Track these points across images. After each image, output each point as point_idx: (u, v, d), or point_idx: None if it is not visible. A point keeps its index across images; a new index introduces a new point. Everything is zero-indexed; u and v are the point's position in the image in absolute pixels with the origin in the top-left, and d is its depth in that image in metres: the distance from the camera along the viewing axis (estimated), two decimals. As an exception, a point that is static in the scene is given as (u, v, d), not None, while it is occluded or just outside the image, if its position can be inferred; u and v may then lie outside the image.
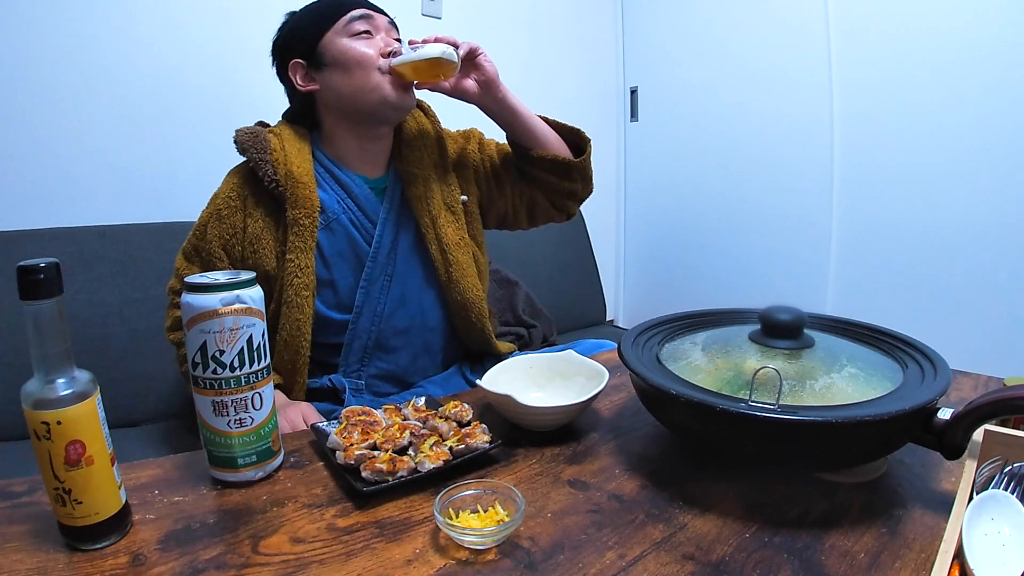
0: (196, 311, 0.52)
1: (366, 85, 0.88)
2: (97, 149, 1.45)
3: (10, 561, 0.44)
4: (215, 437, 0.55)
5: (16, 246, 1.23)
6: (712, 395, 0.53)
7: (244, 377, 0.55)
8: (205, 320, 0.52)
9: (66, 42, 1.38)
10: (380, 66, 0.88)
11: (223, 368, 0.54)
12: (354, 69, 0.89)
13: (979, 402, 0.48)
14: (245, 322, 0.54)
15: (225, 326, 0.53)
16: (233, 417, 0.55)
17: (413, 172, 0.97)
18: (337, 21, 0.90)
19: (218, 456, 0.56)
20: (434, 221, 0.96)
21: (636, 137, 2.60)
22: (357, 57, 0.88)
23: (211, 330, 0.53)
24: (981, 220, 1.62)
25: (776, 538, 0.48)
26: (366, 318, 0.95)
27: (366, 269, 0.94)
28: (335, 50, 0.89)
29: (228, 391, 0.54)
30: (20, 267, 0.42)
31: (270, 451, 0.58)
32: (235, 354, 0.54)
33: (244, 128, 0.94)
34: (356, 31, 0.89)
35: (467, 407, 0.68)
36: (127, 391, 1.28)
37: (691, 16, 2.31)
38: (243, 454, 0.56)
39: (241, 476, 0.56)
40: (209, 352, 0.53)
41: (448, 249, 0.97)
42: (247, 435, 0.56)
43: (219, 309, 0.53)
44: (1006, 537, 0.43)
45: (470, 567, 0.45)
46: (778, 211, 2.11)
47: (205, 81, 1.58)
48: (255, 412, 0.56)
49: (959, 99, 1.62)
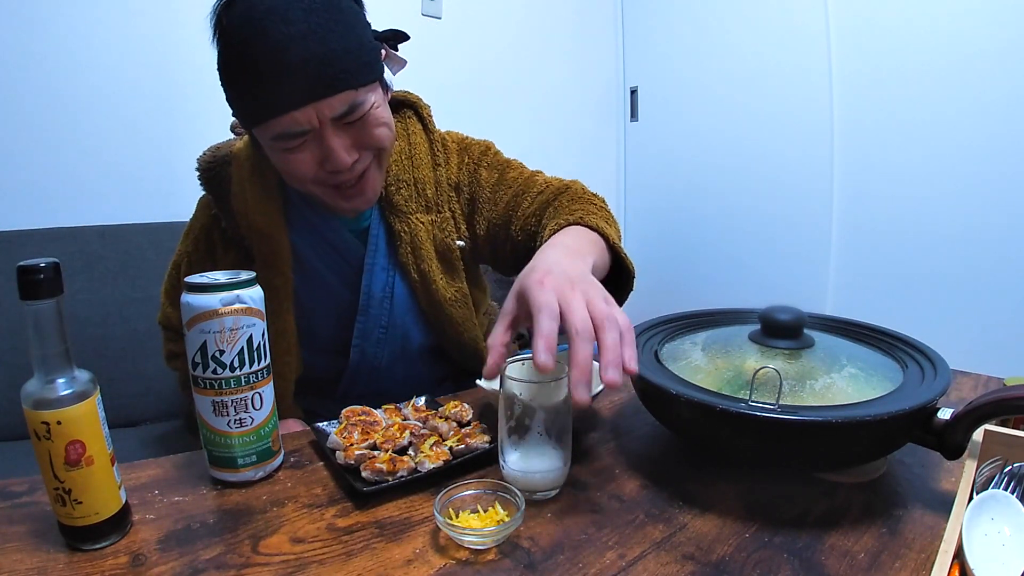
0: (196, 311, 0.52)
1: (309, 193, 0.73)
2: (97, 149, 1.45)
3: (10, 561, 0.44)
4: (215, 437, 0.55)
5: (16, 246, 1.23)
6: (712, 395, 0.53)
7: (244, 377, 0.55)
8: (205, 320, 0.52)
9: (66, 42, 1.39)
10: (319, 180, 0.70)
11: (223, 368, 0.54)
12: (288, 177, 0.72)
13: (979, 402, 0.48)
14: (245, 322, 0.54)
15: (225, 326, 0.53)
16: (233, 417, 0.55)
17: (398, 214, 0.81)
18: (259, 126, 0.67)
19: (218, 456, 0.56)
20: (423, 277, 0.82)
21: (636, 137, 2.60)
22: (288, 172, 0.71)
23: (211, 330, 0.52)
24: (981, 220, 1.62)
25: (776, 538, 0.48)
26: (364, 375, 0.86)
27: (357, 324, 0.83)
28: (264, 147, 0.71)
29: (228, 391, 0.54)
30: (20, 267, 0.42)
31: (270, 451, 0.58)
32: (235, 354, 0.54)
33: (208, 153, 0.80)
34: (284, 146, 0.67)
35: (467, 407, 0.68)
36: (127, 391, 1.28)
37: (691, 16, 2.31)
38: (243, 454, 0.56)
39: (241, 476, 0.56)
40: (209, 352, 0.53)
41: (441, 306, 0.84)
42: (247, 435, 0.56)
43: (219, 309, 0.52)
44: (1006, 537, 0.43)
45: (470, 567, 0.45)
46: (778, 211, 2.11)
47: (205, 81, 1.58)
48: (255, 412, 0.56)
49: (959, 98, 1.63)
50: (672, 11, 2.38)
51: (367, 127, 0.69)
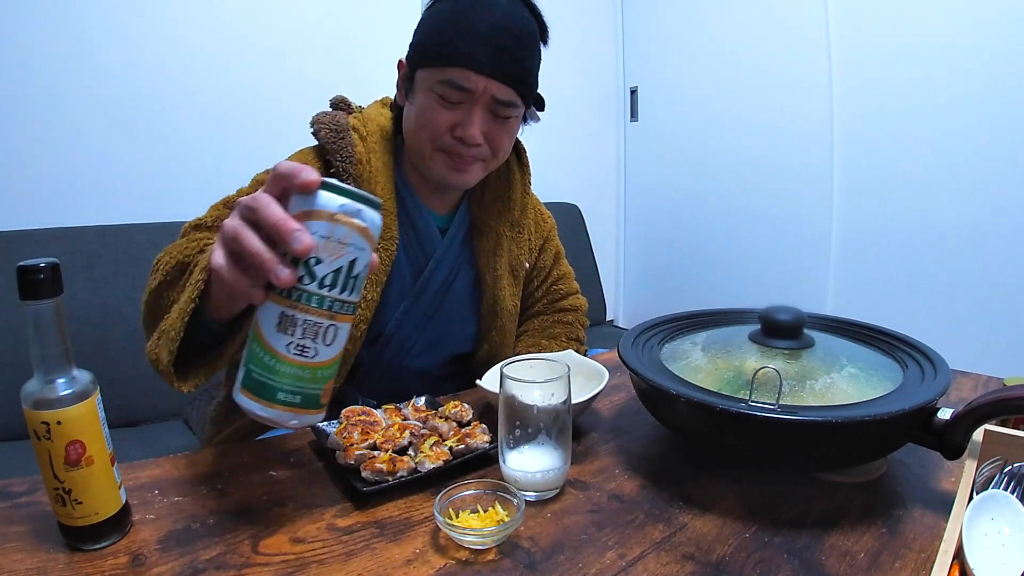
0: (309, 206, 0.44)
1: (421, 150, 0.79)
2: (97, 149, 1.45)
3: (10, 561, 0.44)
4: (265, 355, 0.45)
5: (16, 246, 1.24)
6: (712, 395, 0.53)
7: (329, 301, 0.45)
8: (314, 219, 0.44)
9: (66, 42, 1.39)
10: (442, 144, 0.77)
11: (311, 279, 0.44)
12: (419, 126, 0.78)
13: (979, 402, 0.48)
14: (356, 241, 0.45)
15: (334, 235, 0.44)
16: (297, 340, 0.45)
17: (488, 223, 0.89)
18: (435, 67, 0.74)
19: (257, 379, 0.45)
20: (495, 283, 0.89)
21: (636, 137, 2.60)
22: (424, 119, 0.77)
23: (317, 232, 0.44)
24: (981, 220, 1.62)
25: (776, 538, 0.48)
26: (391, 350, 0.86)
27: (405, 303, 0.85)
28: (418, 91, 0.77)
29: (304, 307, 0.44)
30: (20, 267, 0.42)
31: (316, 401, 0.47)
32: (331, 270, 0.44)
33: (324, 115, 0.81)
34: (443, 93, 0.75)
35: (467, 407, 0.68)
36: (127, 391, 1.28)
37: (691, 16, 2.32)
38: (288, 388, 0.45)
39: (271, 413, 0.45)
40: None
41: (499, 315, 0.90)
42: (303, 368, 0.45)
43: (336, 214, 0.44)
44: (1006, 537, 0.43)
45: (470, 567, 0.45)
46: (778, 211, 2.11)
47: (205, 81, 1.58)
48: (323, 346, 0.46)
49: (959, 100, 1.63)
50: (672, 11, 2.38)
51: (501, 130, 0.79)
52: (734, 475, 0.58)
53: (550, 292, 1.04)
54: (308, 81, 1.71)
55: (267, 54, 1.67)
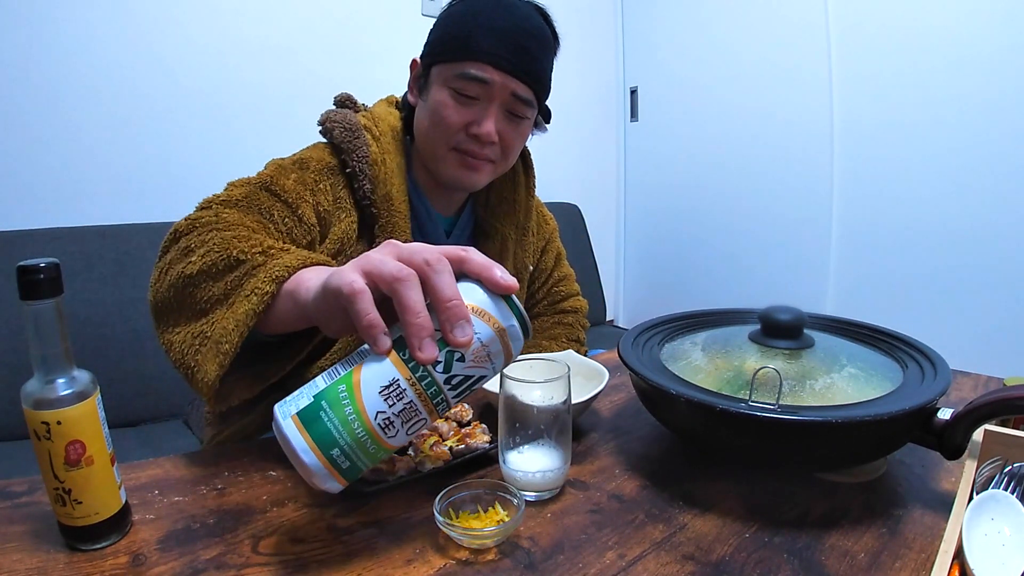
0: (487, 307, 0.43)
1: (435, 148, 0.79)
2: (97, 149, 1.45)
3: (10, 561, 0.44)
4: (348, 407, 0.40)
5: (16, 246, 1.24)
6: (712, 395, 0.53)
7: (442, 397, 0.43)
8: (483, 321, 0.42)
9: (66, 42, 1.39)
10: (456, 143, 0.77)
11: (444, 370, 0.42)
12: (432, 123, 0.77)
13: (979, 402, 0.48)
14: (498, 363, 0.44)
15: (491, 346, 0.43)
16: (391, 413, 0.41)
17: (495, 226, 0.90)
18: (453, 62, 0.75)
19: (323, 423, 0.40)
20: None
21: (636, 137, 2.60)
22: (438, 116, 0.76)
23: (479, 333, 0.42)
24: (981, 220, 1.62)
25: (776, 538, 0.48)
26: None
27: None
28: (433, 87, 0.77)
29: (419, 390, 0.41)
30: (20, 267, 0.42)
31: (356, 476, 0.43)
32: (464, 373, 0.43)
33: (336, 113, 0.79)
34: (459, 87, 0.75)
35: (467, 407, 0.68)
36: (127, 391, 1.28)
37: (691, 16, 2.32)
38: (347, 450, 0.41)
39: (310, 459, 0.40)
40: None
41: None
42: (376, 443, 0.42)
43: (505, 328, 0.43)
44: (1006, 537, 0.43)
45: (470, 567, 0.45)
46: (778, 211, 2.11)
47: (205, 81, 1.58)
48: (403, 433, 0.42)
49: (959, 98, 1.63)
50: (672, 11, 2.38)
51: (513, 131, 0.80)
52: (734, 475, 0.58)
53: (551, 293, 1.05)
54: (309, 80, 1.71)
55: (268, 53, 1.67)
